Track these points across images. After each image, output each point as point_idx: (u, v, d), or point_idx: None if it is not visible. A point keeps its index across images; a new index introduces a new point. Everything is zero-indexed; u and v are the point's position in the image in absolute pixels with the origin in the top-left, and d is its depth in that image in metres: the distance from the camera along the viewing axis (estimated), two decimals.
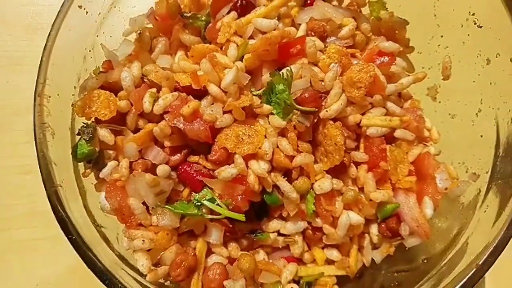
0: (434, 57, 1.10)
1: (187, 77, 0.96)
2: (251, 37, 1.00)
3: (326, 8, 1.03)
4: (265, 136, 0.93)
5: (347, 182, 0.99)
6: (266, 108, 0.94)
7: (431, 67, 1.10)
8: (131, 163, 0.94)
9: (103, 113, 0.93)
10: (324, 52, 0.98)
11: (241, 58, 0.98)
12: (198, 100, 0.94)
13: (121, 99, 0.96)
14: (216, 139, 0.92)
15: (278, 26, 1.00)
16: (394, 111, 0.99)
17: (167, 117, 0.92)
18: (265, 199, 0.94)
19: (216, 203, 0.91)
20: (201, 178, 0.92)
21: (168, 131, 0.93)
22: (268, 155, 0.91)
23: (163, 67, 1.01)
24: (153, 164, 0.94)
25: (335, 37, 1.03)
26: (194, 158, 0.95)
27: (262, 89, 0.97)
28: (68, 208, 0.88)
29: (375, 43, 1.04)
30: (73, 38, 0.99)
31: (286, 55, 0.97)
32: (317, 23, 1.01)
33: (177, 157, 0.95)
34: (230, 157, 0.92)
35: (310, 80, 0.94)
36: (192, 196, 0.94)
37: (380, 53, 1.01)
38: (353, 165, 0.98)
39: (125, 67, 0.98)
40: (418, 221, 0.95)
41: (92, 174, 0.97)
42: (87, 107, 0.94)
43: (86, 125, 0.94)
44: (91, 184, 0.98)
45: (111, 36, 1.07)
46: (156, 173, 0.92)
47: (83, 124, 0.95)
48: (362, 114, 0.98)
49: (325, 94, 0.95)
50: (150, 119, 0.97)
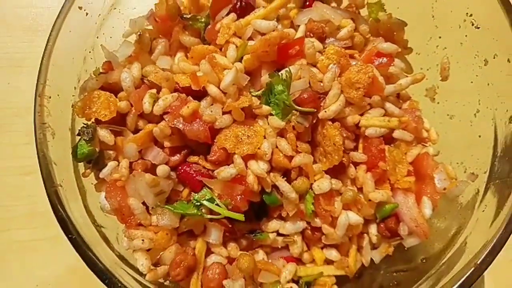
0: (433, 58, 1.10)
1: (187, 78, 0.96)
2: (250, 39, 1.00)
3: (325, 10, 1.04)
4: (264, 137, 0.93)
5: (346, 182, 0.99)
6: (265, 109, 0.94)
7: (430, 68, 1.10)
8: (131, 164, 0.94)
9: (103, 114, 0.93)
10: (323, 53, 0.98)
11: (241, 59, 0.98)
12: (198, 101, 0.95)
13: (121, 100, 0.97)
14: (216, 140, 0.92)
15: (277, 28, 1.01)
16: (393, 112, 0.99)
17: (167, 118, 0.92)
18: (264, 199, 0.94)
19: (216, 203, 0.91)
20: (201, 178, 0.93)
21: (168, 132, 0.93)
22: (267, 156, 0.91)
23: (163, 68, 1.01)
24: (153, 165, 0.94)
25: (334, 38, 1.03)
26: (194, 159, 0.95)
27: (261, 90, 0.97)
28: (68, 208, 0.89)
29: (374, 44, 1.04)
30: (73, 39, 1.00)
31: (285, 56, 0.97)
32: (316, 25, 1.01)
33: (177, 158, 0.95)
34: (230, 158, 0.92)
35: (309, 81, 0.94)
36: (192, 196, 0.94)
37: (379, 54, 1.01)
38: (352, 166, 0.98)
39: (125, 68, 0.99)
40: (417, 221, 0.95)
41: (92, 174, 0.98)
42: (87, 108, 0.94)
43: (86, 126, 0.94)
44: (91, 184, 0.98)
45: (111, 37, 1.08)
46: (156, 173, 0.92)
47: (83, 125, 0.95)
48: (361, 115, 0.98)
49: (324, 95, 0.95)
50: (150, 120, 0.97)
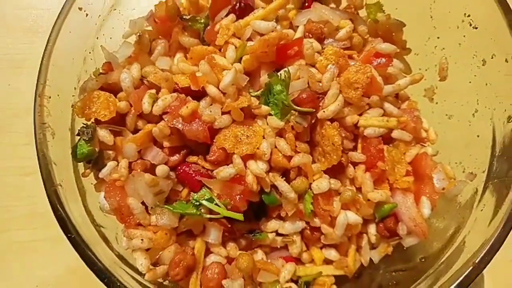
0: (431, 59, 1.11)
1: (186, 79, 0.97)
2: (250, 39, 1.00)
3: (324, 11, 1.04)
4: (263, 137, 0.93)
5: (345, 182, 0.99)
6: (264, 109, 0.94)
7: (428, 69, 1.11)
8: (131, 163, 0.94)
9: (103, 114, 0.94)
10: (322, 54, 0.99)
11: (240, 60, 0.98)
12: (197, 101, 0.95)
13: (121, 100, 0.97)
14: (215, 140, 0.93)
15: (276, 28, 1.01)
16: (392, 112, 1.00)
17: (166, 118, 0.92)
18: (264, 199, 0.94)
19: (215, 203, 0.91)
20: (200, 178, 0.93)
21: (167, 132, 0.93)
22: (266, 155, 0.91)
23: (162, 69, 1.01)
24: (152, 164, 0.94)
25: (333, 39, 1.03)
26: (193, 159, 0.95)
27: (260, 90, 0.97)
28: (68, 208, 0.89)
29: (372, 45, 1.04)
30: (73, 40, 1.00)
31: (284, 57, 0.98)
32: (315, 25, 1.02)
33: (176, 158, 0.95)
34: (229, 158, 0.92)
35: (308, 81, 0.94)
36: (191, 196, 0.94)
37: (377, 55, 1.01)
38: (351, 165, 0.98)
39: (125, 69, 0.99)
40: (416, 221, 0.95)
41: (92, 174, 0.98)
42: (87, 108, 0.94)
43: (86, 126, 0.95)
44: (91, 184, 0.98)
45: (111, 38, 1.08)
46: (155, 173, 0.92)
47: (83, 125, 0.95)
48: (360, 115, 0.98)
49: (323, 95, 0.95)
50: (149, 120, 0.97)
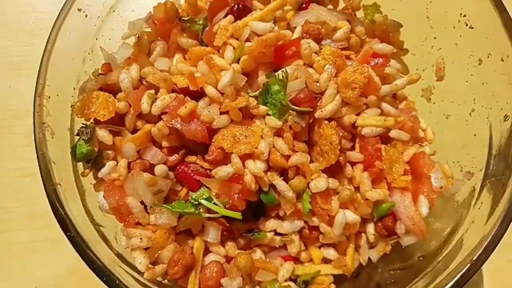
0: (428, 59, 1.11)
1: (185, 79, 0.97)
2: (248, 40, 1.01)
3: (321, 12, 1.04)
4: (262, 136, 0.93)
5: (343, 182, 0.99)
6: (262, 109, 0.95)
7: (425, 69, 1.11)
8: (130, 163, 0.95)
9: (102, 114, 0.94)
10: (319, 54, 0.99)
11: (238, 60, 0.99)
12: (196, 101, 0.95)
13: (120, 101, 0.97)
14: (213, 140, 0.93)
15: (274, 29, 1.01)
16: (389, 112, 1.00)
17: (165, 118, 0.93)
18: (262, 199, 0.94)
19: (213, 202, 0.91)
20: (199, 178, 0.93)
21: (166, 132, 0.94)
22: (265, 155, 0.91)
23: (161, 70, 1.02)
24: (151, 164, 0.95)
25: (330, 40, 1.04)
26: (192, 158, 0.96)
27: (258, 90, 0.97)
28: (67, 207, 0.89)
29: (370, 45, 1.05)
30: (73, 41, 1.01)
31: (282, 57, 0.98)
32: (312, 26, 1.02)
33: (175, 157, 0.96)
34: (227, 157, 0.93)
35: (305, 81, 0.95)
36: (190, 196, 0.94)
37: (374, 55, 1.02)
38: (349, 165, 0.99)
39: (124, 70, 0.99)
40: (414, 220, 0.95)
41: (91, 174, 0.98)
42: (86, 108, 0.95)
43: (85, 126, 0.95)
44: (90, 184, 0.99)
45: (110, 39, 1.09)
46: (154, 173, 0.92)
47: (82, 125, 0.96)
48: (357, 115, 0.99)
49: (320, 95, 0.96)
50: (148, 120, 0.98)
